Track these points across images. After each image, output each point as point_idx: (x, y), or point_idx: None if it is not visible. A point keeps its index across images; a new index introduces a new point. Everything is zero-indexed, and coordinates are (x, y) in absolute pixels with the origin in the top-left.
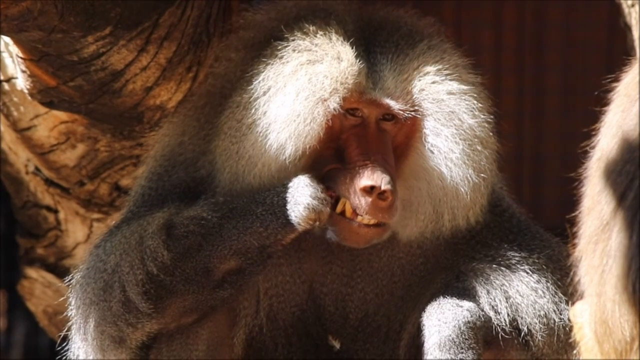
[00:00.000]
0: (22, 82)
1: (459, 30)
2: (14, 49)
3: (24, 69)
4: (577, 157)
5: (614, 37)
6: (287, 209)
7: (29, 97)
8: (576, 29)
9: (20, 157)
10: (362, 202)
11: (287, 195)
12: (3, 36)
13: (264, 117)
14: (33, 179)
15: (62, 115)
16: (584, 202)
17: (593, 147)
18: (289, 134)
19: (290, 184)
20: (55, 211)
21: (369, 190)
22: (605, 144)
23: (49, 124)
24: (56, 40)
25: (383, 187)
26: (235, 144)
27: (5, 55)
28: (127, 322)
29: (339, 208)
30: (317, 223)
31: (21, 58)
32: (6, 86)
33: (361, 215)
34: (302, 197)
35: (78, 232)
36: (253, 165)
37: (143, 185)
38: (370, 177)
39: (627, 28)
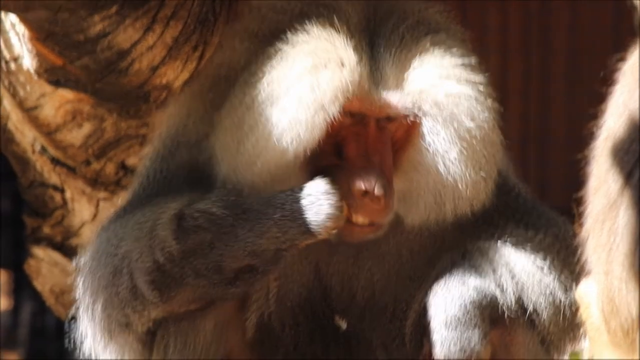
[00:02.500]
0: (28, 62)
1: (464, 12)
2: (20, 28)
3: (30, 48)
4: (583, 139)
5: (620, 17)
6: (307, 217)
7: (35, 77)
8: (583, 10)
9: (27, 137)
10: (357, 203)
11: (308, 202)
12: (9, 15)
13: (265, 120)
14: (39, 159)
15: (68, 94)
16: (590, 182)
17: (599, 128)
18: (291, 139)
19: (309, 191)
20: (62, 190)
21: (364, 193)
22: (612, 123)
23: (55, 104)
24: (62, 19)
25: (377, 193)
26: (235, 142)
27: (11, 34)
28: (133, 309)
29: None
30: (335, 230)
31: (27, 37)
32: (12, 65)
33: (356, 215)
34: (324, 206)
35: (84, 211)
36: (252, 164)
37: (148, 166)
38: (366, 182)
39: (633, 8)
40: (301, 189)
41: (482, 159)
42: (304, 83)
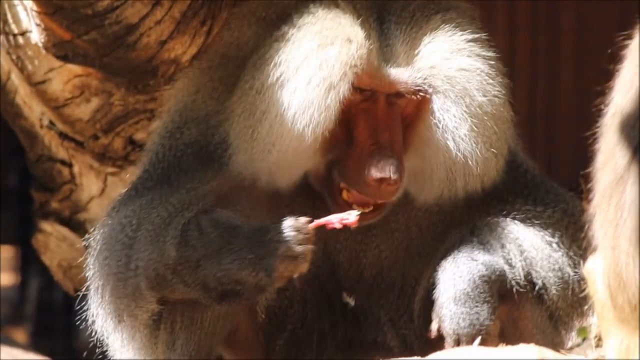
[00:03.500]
0: (36, 36)
1: None
2: (29, 2)
3: (38, 22)
4: (591, 115)
5: None
6: (269, 262)
7: (44, 51)
8: None
9: (35, 111)
10: (370, 190)
11: (268, 246)
12: None
13: (277, 104)
14: (47, 133)
15: (76, 69)
16: (598, 157)
17: (607, 105)
18: (305, 122)
19: (275, 233)
20: (70, 165)
21: (378, 180)
22: (620, 99)
23: (63, 78)
24: None
25: (393, 178)
26: (250, 128)
27: (19, 8)
28: (135, 302)
29: (345, 195)
30: (295, 276)
31: (35, 11)
32: (20, 40)
33: (359, 206)
34: (275, 255)
35: (92, 186)
36: (268, 152)
37: (157, 142)
38: (380, 169)
39: None
40: (275, 228)
41: (493, 135)
42: (311, 62)
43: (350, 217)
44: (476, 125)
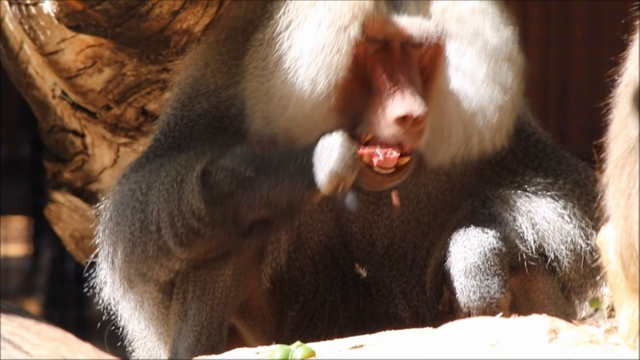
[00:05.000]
0: (48, 6)
1: None
2: None
3: None
4: (603, 85)
5: None
6: (314, 172)
7: (56, 21)
8: None
9: (47, 81)
10: (396, 131)
11: (317, 157)
12: None
13: (289, 52)
14: (60, 103)
15: (88, 39)
16: (611, 127)
17: (620, 75)
18: (318, 67)
19: (321, 145)
20: (82, 135)
21: (403, 119)
22: (633, 70)
23: (75, 48)
24: None
25: (417, 114)
26: (264, 84)
27: None
28: (159, 263)
29: (366, 159)
30: (341, 189)
31: None
32: (33, 10)
33: (381, 168)
34: (327, 162)
35: (105, 156)
36: (285, 107)
37: (168, 113)
38: (403, 105)
39: None
40: (317, 143)
41: (509, 79)
42: (320, 6)
43: (392, 154)
44: (493, 66)
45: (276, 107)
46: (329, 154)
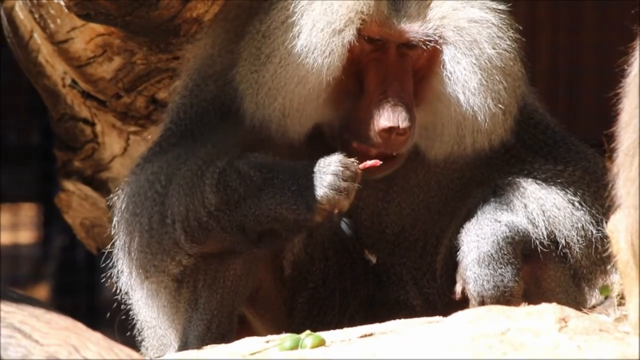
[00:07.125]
0: None
1: None
2: None
3: None
4: (613, 74)
5: None
6: (310, 194)
7: (66, 10)
8: None
9: (57, 70)
10: (381, 140)
11: (313, 179)
12: None
13: (281, 48)
14: (70, 92)
15: (98, 28)
16: (621, 117)
17: (630, 64)
18: (308, 67)
19: (319, 168)
20: (92, 124)
21: (388, 130)
22: None
23: (85, 37)
24: None
25: (402, 127)
26: (255, 73)
27: None
28: (170, 256)
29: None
30: (336, 211)
31: None
32: None
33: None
34: (321, 187)
35: (115, 145)
36: (273, 98)
37: (178, 101)
38: (388, 118)
39: None
40: (323, 161)
41: (501, 90)
42: (317, 7)
43: (378, 163)
44: (485, 79)
45: (265, 96)
46: (322, 179)
